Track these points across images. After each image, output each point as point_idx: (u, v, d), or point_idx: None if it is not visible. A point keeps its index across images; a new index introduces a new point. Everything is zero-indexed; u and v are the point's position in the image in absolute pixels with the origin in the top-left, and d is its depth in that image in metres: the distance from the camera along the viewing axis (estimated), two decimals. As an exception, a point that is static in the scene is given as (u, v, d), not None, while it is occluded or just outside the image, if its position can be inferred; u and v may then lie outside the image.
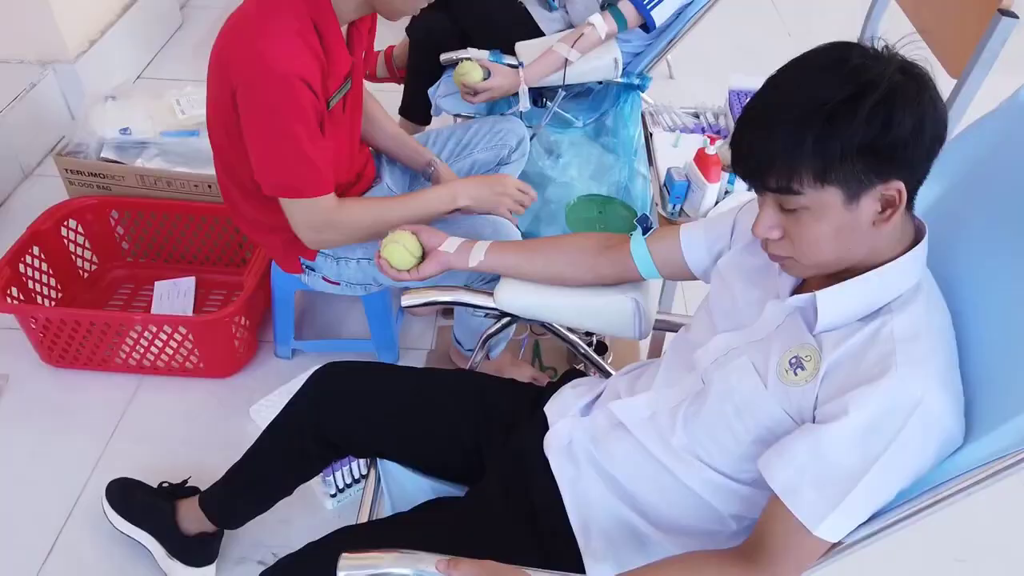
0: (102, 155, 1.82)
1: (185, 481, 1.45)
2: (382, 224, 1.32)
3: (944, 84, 1.22)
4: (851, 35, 1.70)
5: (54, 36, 2.28)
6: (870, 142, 0.74)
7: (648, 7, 1.82)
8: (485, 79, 1.83)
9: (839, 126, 0.75)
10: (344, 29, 1.32)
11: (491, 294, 1.21)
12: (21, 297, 1.68)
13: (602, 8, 1.88)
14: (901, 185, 0.77)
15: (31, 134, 2.27)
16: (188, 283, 1.89)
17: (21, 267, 1.69)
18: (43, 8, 2.22)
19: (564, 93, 1.95)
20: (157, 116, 1.86)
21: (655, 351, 1.67)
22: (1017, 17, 1.11)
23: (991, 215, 0.89)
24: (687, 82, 2.88)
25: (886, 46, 0.78)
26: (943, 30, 1.25)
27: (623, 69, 1.93)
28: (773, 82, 0.83)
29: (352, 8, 1.27)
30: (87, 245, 1.87)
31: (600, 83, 2.02)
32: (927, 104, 0.75)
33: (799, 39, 3.23)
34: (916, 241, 0.84)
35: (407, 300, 1.23)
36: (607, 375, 1.31)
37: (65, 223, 1.80)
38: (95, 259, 1.90)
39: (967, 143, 0.95)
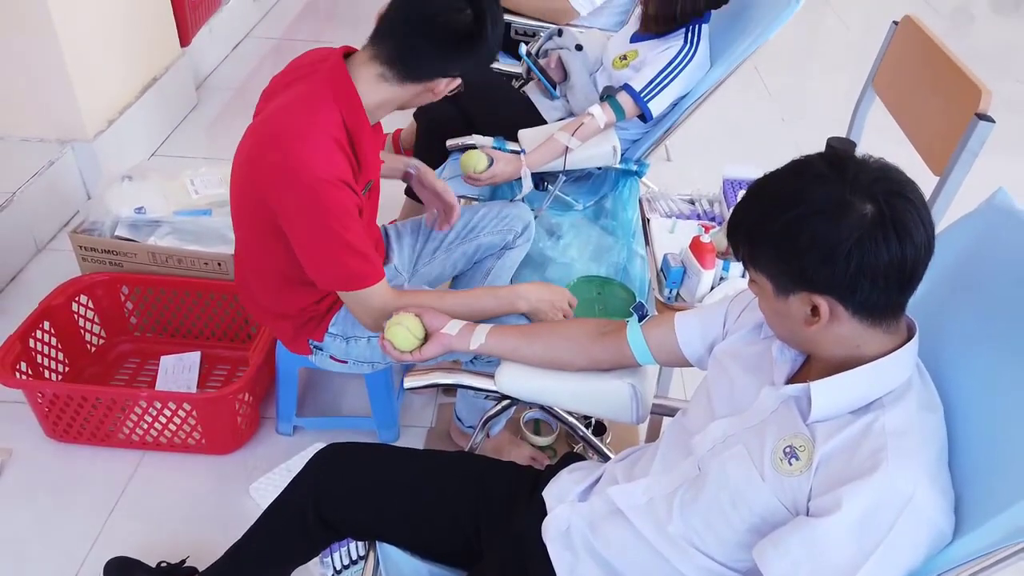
0: (116, 233, 1.88)
1: (183, 561, 1.45)
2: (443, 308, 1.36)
3: (928, 181, 1.28)
4: (842, 120, 1.80)
5: (75, 116, 2.37)
6: (776, 250, 0.83)
7: (645, 99, 1.90)
8: (489, 166, 1.90)
9: (762, 225, 0.85)
10: None
11: (492, 376, 1.25)
12: (29, 372, 1.71)
13: (601, 99, 1.97)
14: (822, 300, 0.82)
15: (47, 209, 2.33)
16: (193, 358, 1.92)
17: (31, 341, 1.73)
18: (67, 90, 2.32)
19: (565, 178, 2.02)
20: (171, 195, 1.93)
21: (653, 433, 1.68)
22: (993, 121, 1.17)
23: (976, 311, 0.93)
24: (684, 164, 2.97)
25: (864, 168, 0.82)
26: (925, 130, 1.32)
27: (622, 155, 2.00)
28: (772, 172, 0.90)
29: (380, 110, 1.33)
30: (96, 320, 1.90)
31: (599, 168, 2.09)
32: (849, 237, 0.79)
33: (792, 124, 3.35)
34: (909, 338, 0.88)
35: (410, 382, 1.26)
36: (605, 458, 1.32)
37: (76, 298, 1.85)
38: (103, 333, 1.93)
39: (950, 241, 0.99)
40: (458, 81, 1.33)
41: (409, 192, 2.31)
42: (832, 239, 0.79)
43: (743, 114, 3.31)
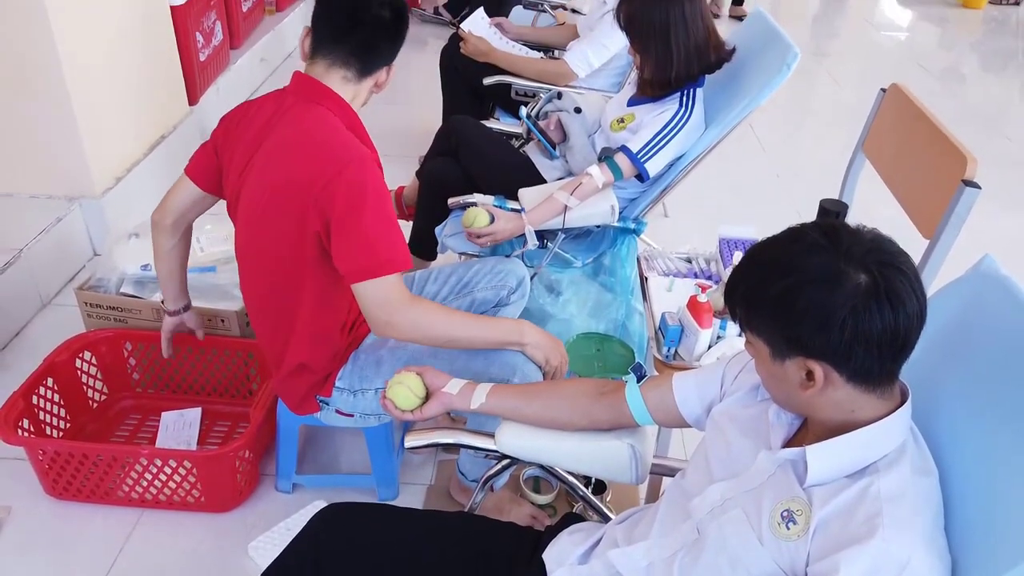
0: (122, 290, 1.90)
1: (180, 622, 1.43)
2: (449, 327, 1.42)
3: (919, 242, 1.31)
4: (835, 175, 1.84)
5: (84, 174, 2.42)
6: (773, 316, 0.86)
7: (642, 160, 1.95)
8: (490, 224, 1.93)
9: (759, 290, 0.87)
10: None
11: (492, 436, 1.26)
12: (31, 429, 1.71)
13: (599, 160, 2.02)
14: (817, 365, 0.84)
15: (53, 265, 2.36)
16: (194, 414, 1.93)
17: (34, 398, 1.74)
18: (77, 149, 2.37)
19: (564, 235, 2.06)
20: (177, 254, 1.95)
21: (653, 493, 1.69)
22: (979, 188, 1.21)
23: (967, 377, 0.94)
24: (681, 220, 3.02)
25: (858, 239, 0.85)
26: (914, 194, 1.36)
27: (620, 214, 2.04)
28: (768, 238, 0.93)
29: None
30: (99, 376, 1.92)
31: (598, 226, 2.13)
32: (844, 306, 0.81)
33: (786, 180, 3.41)
34: (902, 402, 0.90)
35: (410, 442, 1.27)
36: (605, 519, 1.32)
37: (81, 355, 1.86)
38: (105, 389, 1.94)
39: (940, 306, 1.02)
40: (392, 71, 1.50)
41: (411, 248, 2.35)
42: (828, 307, 0.82)
43: (739, 170, 3.37)
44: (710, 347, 1.51)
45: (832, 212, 1.50)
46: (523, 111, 2.24)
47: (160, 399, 1.97)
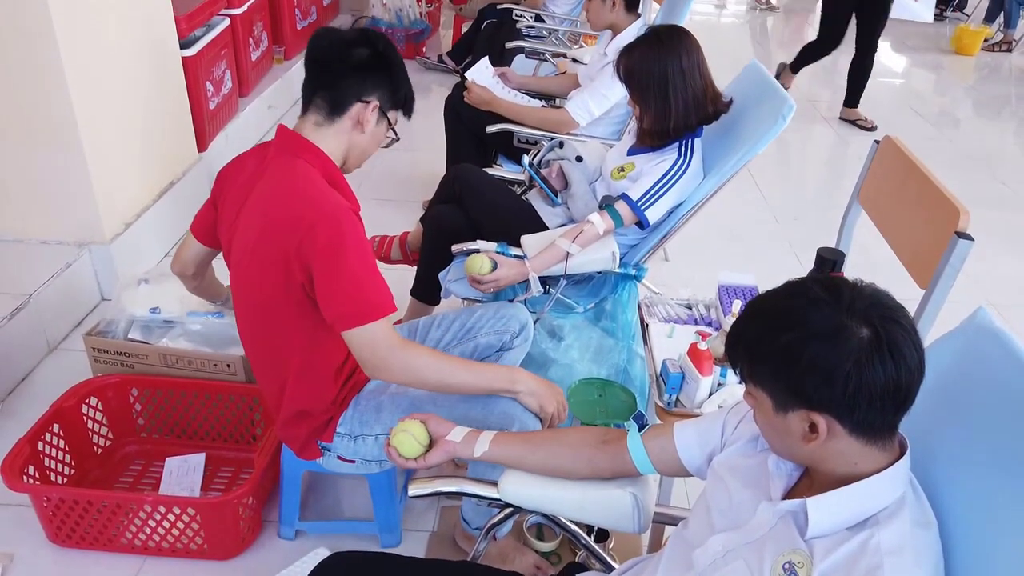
0: (130, 335, 1.93)
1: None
2: (440, 373, 1.44)
3: (914, 295, 1.33)
4: (831, 220, 1.86)
5: (94, 220, 2.46)
6: (776, 369, 0.87)
7: (642, 208, 1.99)
8: (493, 270, 1.96)
9: (761, 344, 0.89)
10: None
11: (495, 484, 1.27)
12: (36, 475, 1.72)
13: (600, 207, 2.06)
14: (820, 418, 0.86)
15: (60, 310, 2.39)
16: (198, 460, 1.93)
17: (40, 444, 1.75)
18: (88, 196, 2.42)
19: (566, 281, 2.09)
20: (186, 298, 1.98)
21: (656, 541, 1.68)
22: (972, 240, 1.24)
23: (964, 429, 0.96)
24: (682, 264, 3.05)
25: (859, 293, 0.88)
26: (909, 245, 1.39)
27: (620, 260, 2.07)
28: (769, 292, 0.95)
29: (338, 159, 1.49)
30: (104, 421, 1.93)
31: (599, 272, 2.16)
32: (847, 360, 0.83)
33: (785, 225, 3.45)
34: (901, 454, 0.91)
35: (414, 490, 1.28)
36: (608, 568, 1.33)
37: (87, 400, 1.88)
38: (110, 435, 1.95)
39: (936, 358, 1.03)
40: (384, 121, 1.50)
41: (415, 293, 2.38)
42: (831, 361, 0.84)
43: (738, 215, 3.41)
44: (711, 394, 1.52)
45: (829, 261, 1.53)
46: (525, 159, 2.28)
47: (164, 444, 1.98)
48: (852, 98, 4.74)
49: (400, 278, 2.31)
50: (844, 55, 4.79)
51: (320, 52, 1.46)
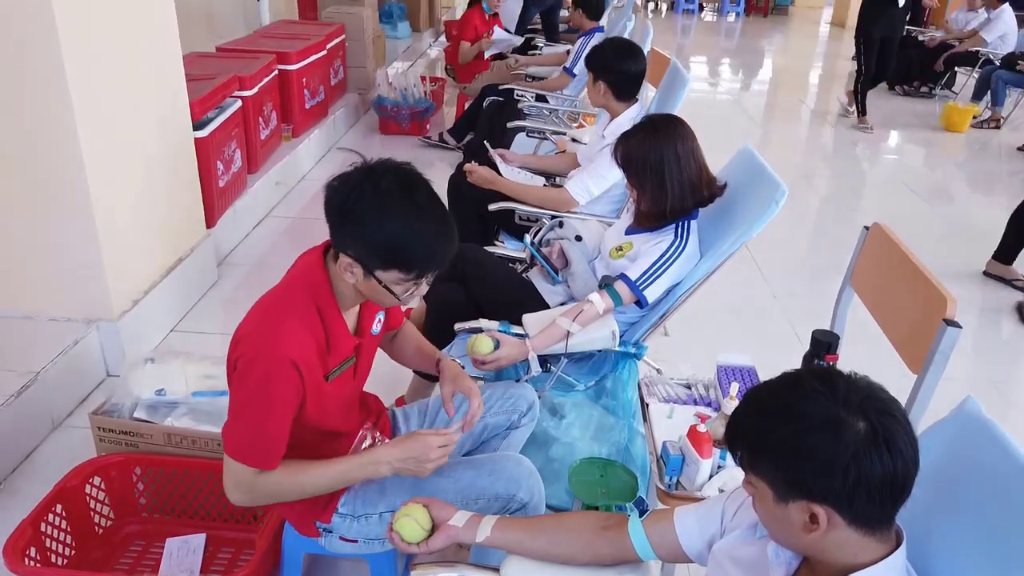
0: (135, 415, 1.95)
1: None
2: (301, 491, 1.45)
3: (906, 381, 1.36)
4: (828, 296, 1.90)
5: (103, 297, 2.51)
6: (776, 460, 0.90)
7: (640, 288, 2.03)
8: (495, 349, 1.99)
9: (761, 435, 0.92)
10: (355, 312, 1.52)
11: (496, 570, 1.27)
12: (38, 557, 1.71)
13: (600, 286, 2.11)
14: (820, 509, 0.88)
15: (66, 387, 2.41)
16: (198, 540, 1.93)
17: (43, 525, 1.75)
18: (98, 274, 2.47)
19: (566, 359, 2.12)
20: (192, 378, 2.01)
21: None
22: (960, 327, 1.28)
23: (957, 519, 0.98)
24: (682, 339, 3.08)
25: (854, 386, 0.91)
26: (900, 330, 1.42)
27: (620, 338, 2.10)
28: (767, 383, 0.98)
29: (352, 297, 1.44)
30: (107, 501, 1.93)
31: (600, 350, 2.19)
32: (846, 452, 0.86)
33: (782, 300, 3.50)
34: (898, 544, 0.93)
35: (416, 576, 1.29)
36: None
37: (90, 480, 1.88)
38: (112, 515, 1.95)
39: (927, 446, 1.06)
40: (359, 269, 1.34)
41: (417, 370, 2.40)
42: (831, 453, 0.87)
43: (736, 290, 3.46)
44: (711, 477, 1.53)
45: (824, 343, 1.57)
46: (527, 239, 2.34)
47: (166, 524, 1.97)
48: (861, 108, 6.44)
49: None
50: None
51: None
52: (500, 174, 2.95)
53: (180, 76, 2.93)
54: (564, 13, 7.50)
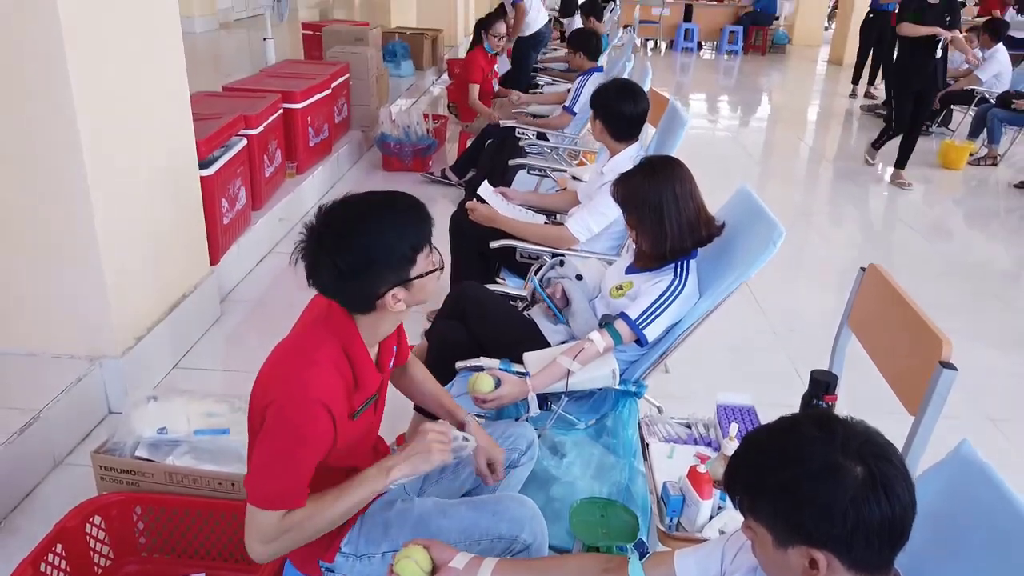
0: (136, 453, 1.95)
1: None
2: (324, 521, 1.42)
3: (906, 419, 1.37)
4: (827, 331, 1.92)
5: (107, 335, 2.53)
6: (776, 505, 0.91)
7: (640, 327, 2.05)
8: (496, 388, 2.00)
9: (760, 481, 0.93)
10: (375, 350, 1.53)
11: (498, 612, 1.27)
12: (36, 599, 1.71)
13: (600, 325, 2.12)
14: (820, 554, 0.89)
15: (68, 424, 2.42)
16: (197, 580, 1.92)
17: (42, 566, 1.74)
18: (103, 311, 2.49)
19: (567, 398, 2.13)
20: (194, 417, 2.02)
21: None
22: (956, 369, 1.29)
23: (952, 559, 0.98)
24: (682, 376, 3.08)
25: (851, 431, 0.93)
26: (897, 371, 1.44)
27: (621, 376, 2.12)
28: (766, 427, 0.99)
29: (375, 334, 1.48)
30: (106, 540, 1.92)
31: (600, 388, 2.20)
32: (845, 497, 0.87)
33: (782, 337, 3.51)
34: None
35: (416, 619, 1.28)
36: None
37: (91, 519, 1.88)
38: (111, 554, 1.94)
39: (924, 489, 1.06)
40: (403, 292, 1.42)
41: (418, 408, 2.41)
42: (830, 498, 0.88)
43: (737, 328, 3.48)
44: (712, 518, 1.54)
45: (823, 383, 1.58)
46: (535, 280, 2.37)
47: (165, 564, 1.96)
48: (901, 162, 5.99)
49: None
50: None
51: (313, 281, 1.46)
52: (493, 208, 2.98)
53: (187, 116, 2.99)
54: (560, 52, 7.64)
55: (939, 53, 5.46)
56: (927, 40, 5.38)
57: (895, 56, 6.09)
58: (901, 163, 5.98)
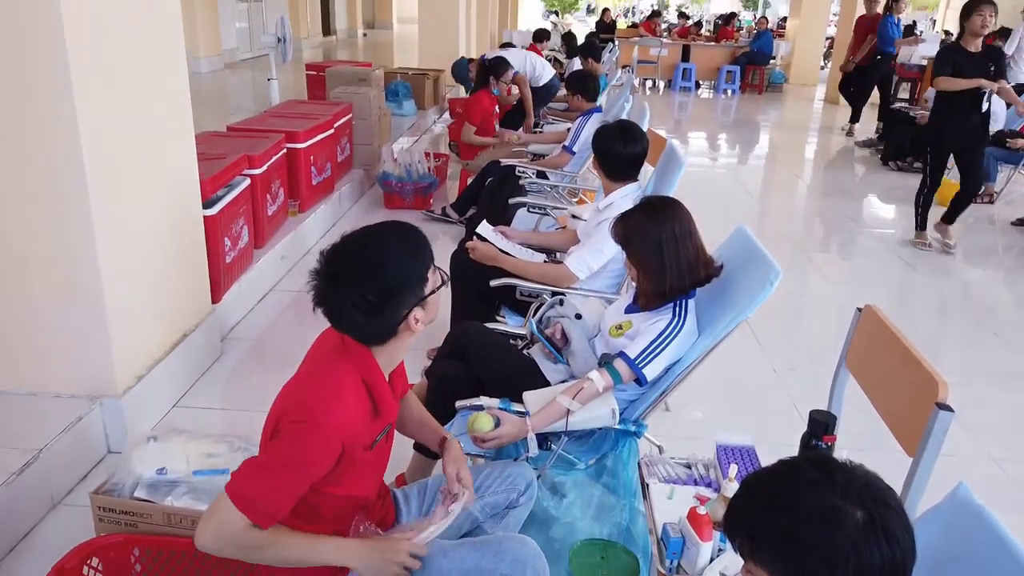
0: (135, 494, 1.95)
1: None
2: (274, 556, 1.44)
3: (904, 459, 1.38)
4: (827, 370, 1.92)
5: (108, 373, 2.53)
6: (777, 550, 0.91)
7: (640, 366, 2.06)
8: (495, 427, 2.01)
9: (761, 525, 0.94)
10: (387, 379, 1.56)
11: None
12: (32, 642, 1.69)
13: (599, 364, 2.13)
14: None
15: (67, 464, 2.41)
16: (194, 623, 1.90)
17: (38, 609, 1.73)
18: (105, 350, 2.50)
19: (567, 438, 2.12)
20: (193, 457, 2.02)
21: None
22: (952, 411, 1.30)
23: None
24: (682, 415, 3.09)
25: (850, 475, 0.93)
26: (894, 412, 1.44)
27: (620, 415, 2.12)
28: (765, 471, 1.00)
29: (391, 362, 1.54)
30: (104, 583, 1.91)
31: (600, 427, 2.20)
32: (846, 542, 0.88)
33: (783, 375, 3.51)
34: None
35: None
36: None
37: (88, 561, 1.87)
38: (108, 597, 1.93)
39: (922, 532, 1.07)
40: (420, 312, 1.49)
41: (418, 447, 2.40)
42: (831, 543, 0.88)
43: (737, 366, 3.48)
44: (712, 560, 1.53)
45: (821, 423, 1.58)
46: (532, 323, 2.38)
47: (162, 607, 1.95)
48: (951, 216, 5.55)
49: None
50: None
51: (332, 320, 1.51)
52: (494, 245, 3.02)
53: (192, 156, 3.03)
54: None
55: (985, 106, 5.07)
56: (969, 93, 4.98)
57: (931, 113, 5.61)
58: (950, 218, 5.53)
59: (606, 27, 15.81)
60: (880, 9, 9.13)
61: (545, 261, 3.12)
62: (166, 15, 2.79)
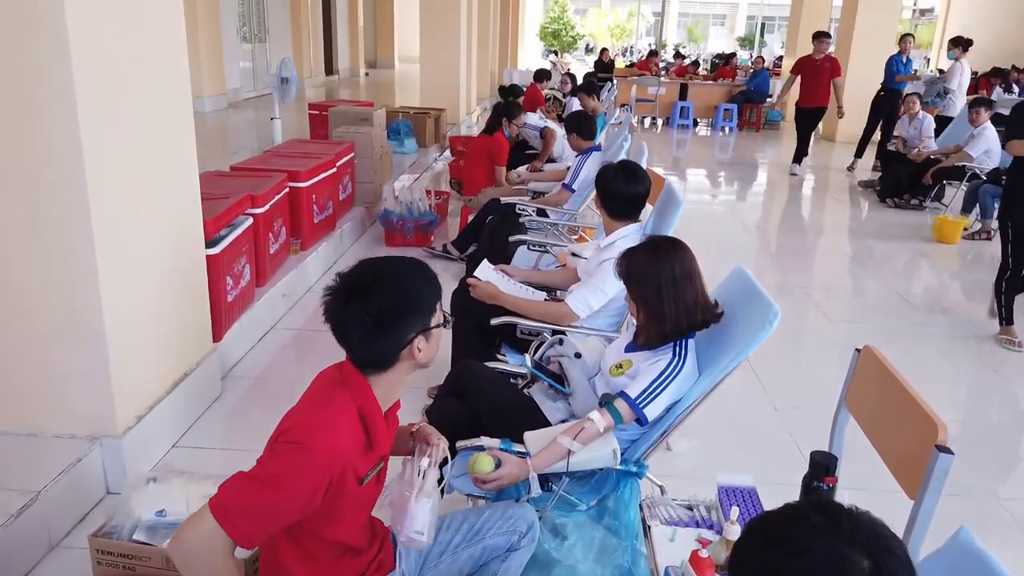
0: (135, 537, 1.94)
1: None
2: None
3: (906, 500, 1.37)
4: (828, 408, 1.92)
5: (108, 414, 2.53)
6: None
7: (640, 406, 2.06)
8: (496, 468, 2.00)
9: (769, 571, 0.92)
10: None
11: None
12: None
13: (600, 405, 2.13)
14: None
15: (65, 505, 2.39)
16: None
17: (33, 654, 1.71)
18: (106, 391, 2.50)
19: (568, 478, 2.12)
20: (193, 499, 2.01)
21: None
22: (952, 453, 1.30)
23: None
24: (684, 454, 3.07)
25: (857, 522, 0.93)
26: (895, 454, 1.44)
27: (622, 456, 2.11)
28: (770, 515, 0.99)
29: (389, 396, 1.56)
30: (100, 627, 1.89)
31: (601, 468, 2.19)
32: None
33: (784, 413, 3.50)
34: None
35: None
36: None
37: (85, 605, 1.85)
38: (104, 642, 1.91)
39: (926, 574, 1.07)
40: (423, 342, 1.53)
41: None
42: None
43: (738, 404, 3.47)
44: (714, 605, 1.52)
45: (823, 465, 1.58)
46: (528, 362, 2.38)
47: (158, 652, 1.92)
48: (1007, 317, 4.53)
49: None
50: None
51: (339, 336, 1.54)
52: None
53: (196, 196, 3.06)
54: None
55: None
56: None
57: (1004, 186, 4.74)
58: (1006, 316, 4.52)
59: (604, 66, 16.05)
60: (823, 53, 9.23)
61: (546, 299, 3.13)
62: (175, 56, 2.84)
